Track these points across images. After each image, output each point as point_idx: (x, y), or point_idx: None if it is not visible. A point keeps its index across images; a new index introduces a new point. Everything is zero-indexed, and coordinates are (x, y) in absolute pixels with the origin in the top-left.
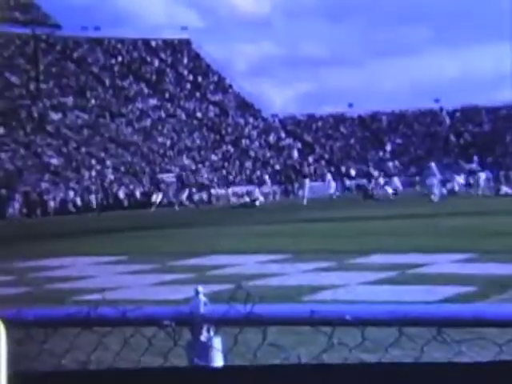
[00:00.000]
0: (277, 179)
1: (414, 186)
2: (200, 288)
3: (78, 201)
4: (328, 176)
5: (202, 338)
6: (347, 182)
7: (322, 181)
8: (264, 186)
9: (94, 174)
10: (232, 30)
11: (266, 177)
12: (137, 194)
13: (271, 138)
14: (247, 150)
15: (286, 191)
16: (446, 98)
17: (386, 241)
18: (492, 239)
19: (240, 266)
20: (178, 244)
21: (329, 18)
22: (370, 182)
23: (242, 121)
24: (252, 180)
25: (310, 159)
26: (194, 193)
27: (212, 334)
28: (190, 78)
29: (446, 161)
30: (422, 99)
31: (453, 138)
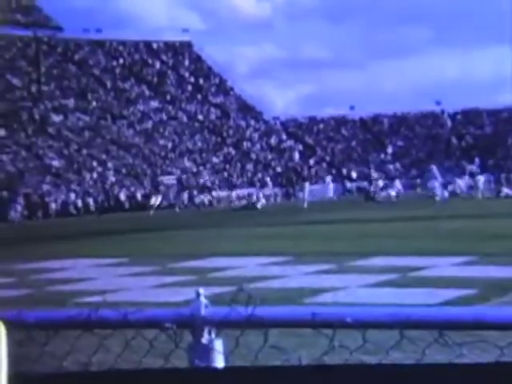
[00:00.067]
0: (278, 181)
1: (415, 188)
2: (201, 290)
3: (79, 203)
4: (327, 178)
5: (203, 340)
6: (348, 184)
7: (322, 183)
8: (265, 188)
9: (95, 176)
10: (233, 32)
11: (268, 179)
12: (138, 196)
13: (272, 141)
14: (248, 152)
15: (288, 193)
16: (448, 100)
17: (387, 243)
18: (492, 242)
19: (241, 268)
20: (179, 246)
21: (330, 20)
22: (371, 185)
23: (243, 123)
24: (253, 182)
25: (312, 161)
26: (196, 195)
27: (213, 336)
28: (192, 80)
29: (448, 163)
30: (423, 101)
31: (454, 141)
